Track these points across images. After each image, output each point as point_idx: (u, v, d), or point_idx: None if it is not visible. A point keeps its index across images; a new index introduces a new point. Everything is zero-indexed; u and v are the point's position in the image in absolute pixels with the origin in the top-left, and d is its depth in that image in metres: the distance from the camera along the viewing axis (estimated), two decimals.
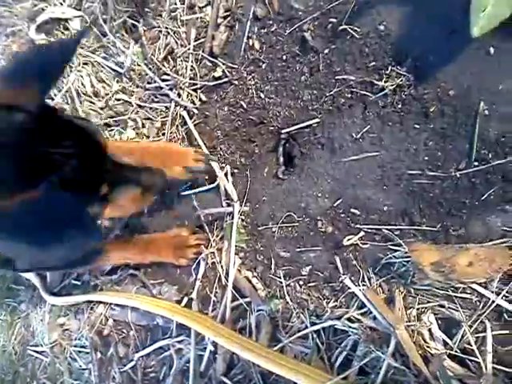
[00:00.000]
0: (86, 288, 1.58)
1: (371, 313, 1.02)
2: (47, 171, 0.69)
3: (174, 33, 1.49)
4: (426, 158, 1.04)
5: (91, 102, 1.65)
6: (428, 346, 0.95)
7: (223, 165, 1.34)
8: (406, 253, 1.01)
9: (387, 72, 1.09)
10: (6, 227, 0.67)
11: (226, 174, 1.31)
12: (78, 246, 0.75)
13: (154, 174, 1.04)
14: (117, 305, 1.47)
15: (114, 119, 1.59)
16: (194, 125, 1.42)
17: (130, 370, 1.39)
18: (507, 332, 0.93)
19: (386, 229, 1.07)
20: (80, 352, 1.56)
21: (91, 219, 0.77)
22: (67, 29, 1.78)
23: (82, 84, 1.69)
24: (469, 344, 0.93)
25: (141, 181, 0.99)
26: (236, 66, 1.36)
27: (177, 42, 1.49)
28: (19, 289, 1.88)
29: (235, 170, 1.33)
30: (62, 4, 1.80)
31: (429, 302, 0.99)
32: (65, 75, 1.75)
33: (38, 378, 1.70)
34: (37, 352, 1.72)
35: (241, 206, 1.29)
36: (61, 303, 1.62)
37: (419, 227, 1.04)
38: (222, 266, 1.27)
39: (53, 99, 1.78)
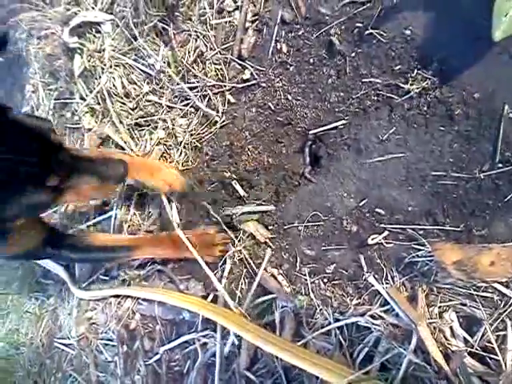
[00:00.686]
0: (114, 283, 1.62)
1: (394, 310, 1.04)
2: None
3: (203, 36, 1.53)
4: (451, 160, 1.06)
5: (122, 103, 1.70)
6: (449, 344, 0.96)
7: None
8: (429, 252, 1.03)
9: (413, 75, 1.11)
10: None
11: None
12: None
13: (111, 166, 1.11)
14: (144, 299, 1.51)
15: (145, 119, 1.64)
16: (223, 126, 1.46)
17: (154, 363, 1.42)
18: None
19: (410, 228, 1.09)
20: (106, 345, 1.60)
21: None
22: (99, 32, 1.83)
23: (114, 85, 1.74)
24: (489, 342, 0.95)
25: (98, 172, 1.07)
26: (264, 69, 1.39)
27: (206, 45, 1.53)
28: (48, 283, 1.93)
29: (263, 170, 1.36)
30: (93, 8, 1.86)
31: (451, 300, 1.01)
32: (97, 76, 1.81)
33: (64, 370, 1.74)
34: (64, 345, 1.76)
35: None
36: (89, 297, 1.66)
37: (443, 227, 1.06)
38: (248, 264, 1.30)
39: (84, 99, 1.85)
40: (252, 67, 1.41)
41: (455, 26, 1.06)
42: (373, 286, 1.09)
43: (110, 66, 1.75)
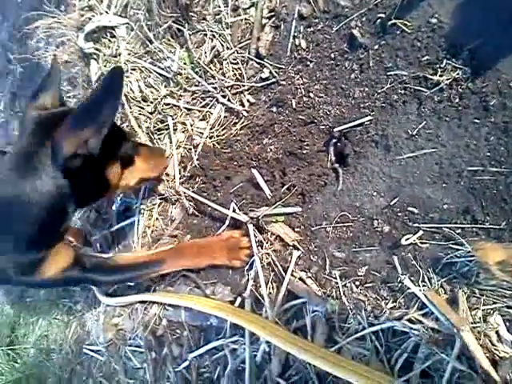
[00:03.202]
0: (139, 289, 1.61)
1: (433, 314, 0.99)
2: None
3: (219, 35, 1.50)
4: (488, 154, 1.01)
5: (140, 107, 1.68)
6: (496, 349, 0.91)
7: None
8: (468, 252, 0.98)
9: (442, 66, 1.06)
10: None
11: None
12: None
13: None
14: (170, 305, 1.50)
15: (164, 123, 1.61)
16: (243, 126, 1.43)
17: (184, 369, 1.40)
18: None
19: (447, 227, 1.04)
20: (134, 351, 1.59)
21: None
22: (114, 36, 1.82)
23: (131, 89, 1.72)
24: None
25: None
26: (283, 67, 1.36)
27: (222, 45, 1.50)
28: (74, 290, 1.94)
29: (286, 171, 1.32)
30: (107, 12, 1.85)
31: (495, 302, 0.96)
32: None
33: (94, 376, 1.74)
34: (92, 351, 1.76)
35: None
36: (115, 304, 1.66)
37: (482, 225, 1.01)
38: (276, 267, 1.27)
39: None
40: (271, 65, 1.38)
41: (486, 10, 1.01)
42: (409, 288, 1.04)
43: (127, 70, 1.73)
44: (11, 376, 2.18)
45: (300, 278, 1.23)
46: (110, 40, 1.83)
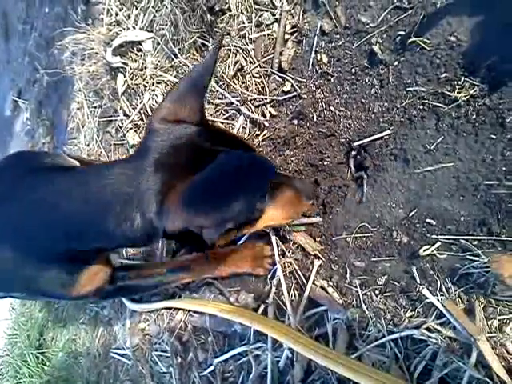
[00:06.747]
0: (164, 296, 1.65)
1: (450, 323, 1.02)
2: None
3: (242, 50, 1.55)
4: (504, 168, 1.03)
5: None
6: None
7: None
8: (485, 263, 1.01)
9: (460, 83, 1.09)
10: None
11: None
12: None
13: (304, 182, 1.19)
14: (195, 312, 1.54)
15: None
16: (265, 138, 1.47)
17: (209, 374, 1.44)
18: None
19: (464, 239, 1.07)
20: (161, 356, 1.64)
21: None
22: (140, 50, 1.89)
23: (156, 102, 1.78)
24: None
25: (293, 186, 1.10)
26: (304, 80, 1.40)
27: (246, 59, 1.54)
28: None
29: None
30: (134, 27, 1.91)
31: (511, 312, 0.98)
32: (139, 94, 1.86)
33: (121, 379, 1.79)
34: (119, 355, 1.81)
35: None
36: (141, 309, 1.71)
37: (498, 237, 1.03)
38: (298, 275, 1.31)
39: (128, 116, 1.90)
40: (292, 79, 1.42)
41: (503, 28, 1.03)
42: (427, 298, 1.07)
43: (152, 84, 1.80)
44: (40, 378, 2.25)
45: (321, 287, 1.26)
46: (136, 54, 1.90)
